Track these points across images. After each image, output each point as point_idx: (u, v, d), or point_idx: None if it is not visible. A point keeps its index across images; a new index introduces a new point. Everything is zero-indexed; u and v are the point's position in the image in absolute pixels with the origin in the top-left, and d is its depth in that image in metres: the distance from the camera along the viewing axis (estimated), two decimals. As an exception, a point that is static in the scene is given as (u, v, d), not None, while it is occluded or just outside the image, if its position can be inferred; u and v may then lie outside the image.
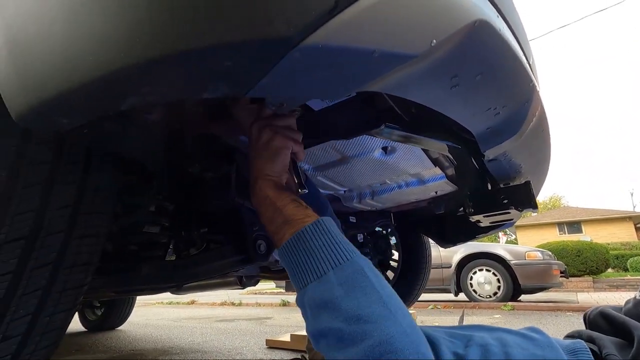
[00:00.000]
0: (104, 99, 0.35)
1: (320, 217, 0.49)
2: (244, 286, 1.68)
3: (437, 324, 3.00)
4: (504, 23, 0.50)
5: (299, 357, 0.85)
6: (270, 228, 0.53)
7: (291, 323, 3.39)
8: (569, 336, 0.70)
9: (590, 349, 0.60)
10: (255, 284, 1.76)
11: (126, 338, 2.76)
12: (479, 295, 4.61)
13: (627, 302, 0.72)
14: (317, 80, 0.39)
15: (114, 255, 0.88)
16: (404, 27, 0.37)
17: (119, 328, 3.29)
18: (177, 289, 1.23)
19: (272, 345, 2.20)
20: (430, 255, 1.98)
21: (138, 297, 5.25)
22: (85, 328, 3.30)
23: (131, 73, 0.33)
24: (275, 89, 0.39)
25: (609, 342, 0.62)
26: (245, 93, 0.39)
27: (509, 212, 0.93)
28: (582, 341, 0.62)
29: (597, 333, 0.66)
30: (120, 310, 3.14)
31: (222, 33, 0.32)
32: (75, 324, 3.43)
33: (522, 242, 17.84)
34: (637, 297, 0.70)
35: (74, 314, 0.53)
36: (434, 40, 0.38)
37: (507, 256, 4.59)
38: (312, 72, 0.37)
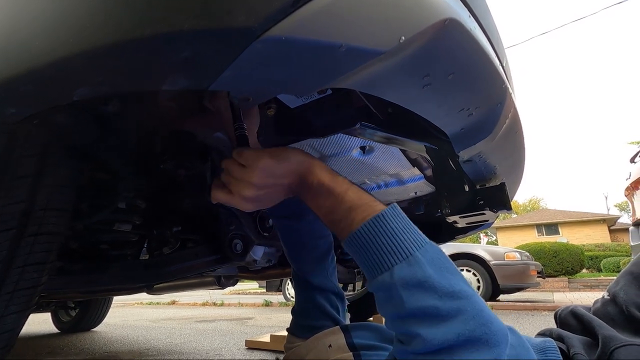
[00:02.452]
0: (54, 88, 0.33)
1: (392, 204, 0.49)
2: (222, 286, 1.65)
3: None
4: (476, 24, 0.50)
5: (274, 358, 0.84)
6: (331, 217, 0.51)
7: (272, 323, 3.36)
8: (541, 334, 0.71)
9: (560, 347, 0.61)
10: (234, 284, 1.74)
11: (101, 340, 2.68)
12: (459, 295, 4.68)
13: (595, 302, 0.74)
14: (282, 75, 0.38)
15: (81, 254, 0.85)
16: (371, 23, 0.36)
17: (94, 329, 3.19)
18: (149, 289, 1.20)
19: (252, 346, 2.18)
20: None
21: (116, 298, 5.13)
22: (59, 330, 3.18)
23: (81, 61, 0.31)
24: (239, 82, 0.37)
25: (577, 342, 0.63)
26: (208, 86, 0.37)
27: (485, 214, 0.94)
28: (552, 340, 0.63)
29: (566, 332, 0.67)
30: (95, 311, 3.04)
31: (178, 21, 0.30)
32: (48, 326, 3.31)
33: (503, 243, 18.28)
34: (605, 297, 0.72)
35: (28, 315, 0.50)
36: (403, 37, 0.38)
37: (486, 257, 4.68)
38: (277, 65, 0.36)
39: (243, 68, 0.35)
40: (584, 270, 11.79)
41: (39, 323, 3.76)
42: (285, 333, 0.92)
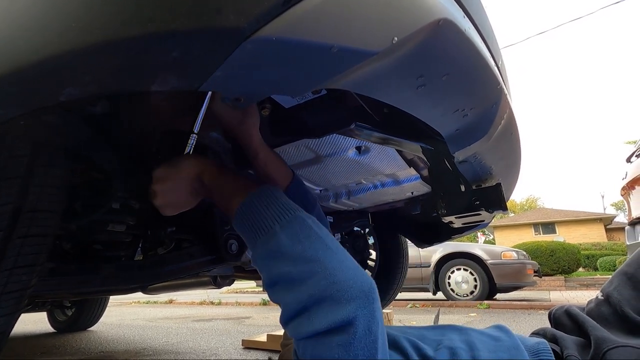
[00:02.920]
0: (40, 89, 0.33)
1: (266, 185, 0.55)
2: (218, 286, 1.65)
3: (414, 323, 3.03)
4: (471, 24, 0.50)
5: (266, 358, 0.83)
6: (222, 208, 0.57)
7: (270, 323, 3.36)
8: (535, 334, 0.71)
9: (553, 349, 0.61)
10: (230, 283, 1.73)
11: (97, 339, 2.67)
12: (456, 294, 4.70)
13: (589, 302, 0.74)
14: (273, 75, 0.37)
15: (74, 255, 0.84)
16: (364, 23, 0.35)
17: (90, 329, 3.18)
18: (143, 289, 1.19)
19: (249, 345, 2.17)
20: (407, 255, 1.99)
21: (113, 297, 5.11)
22: (55, 329, 3.17)
23: (68, 60, 0.30)
24: (230, 83, 0.37)
25: (571, 343, 0.63)
26: (198, 87, 0.37)
27: (480, 214, 0.94)
28: (546, 342, 0.63)
29: (560, 332, 0.67)
30: (91, 311, 3.03)
31: (168, 20, 0.30)
32: (44, 325, 3.30)
33: (500, 242, 18.33)
34: (599, 297, 0.72)
35: (17, 317, 0.50)
36: (396, 38, 0.37)
37: (483, 256, 4.69)
38: (268, 66, 0.36)
39: (234, 68, 0.35)
40: (581, 269, 11.85)
41: (35, 322, 3.74)
42: (282, 332, 0.91)
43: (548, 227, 20.06)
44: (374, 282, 0.45)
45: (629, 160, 3.23)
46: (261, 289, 7.86)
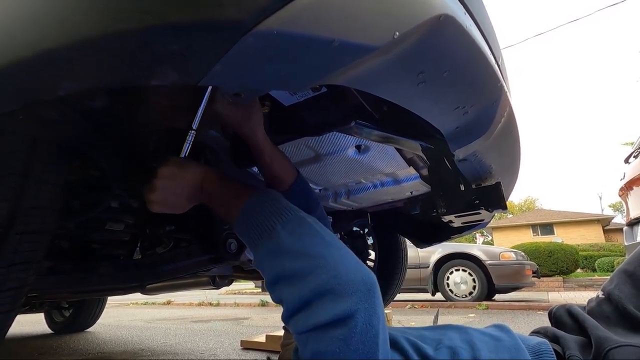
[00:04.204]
0: (37, 83, 0.32)
1: (265, 189, 0.56)
2: (217, 286, 1.64)
3: (413, 324, 3.03)
4: (472, 21, 0.49)
5: (265, 358, 0.83)
6: (222, 214, 0.58)
7: (268, 323, 3.35)
8: (535, 332, 0.71)
9: (554, 349, 0.61)
10: (229, 284, 1.72)
11: (95, 340, 2.66)
12: (455, 295, 4.70)
13: (589, 301, 0.74)
14: (274, 70, 0.37)
15: (72, 253, 0.84)
16: (365, 17, 0.35)
17: (88, 330, 3.16)
18: (142, 289, 1.18)
19: (247, 346, 2.16)
20: (406, 255, 1.99)
21: (111, 298, 5.09)
22: (52, 330, 3.15)
23: (65, 54, 0.30)
24: (230, 77, 0.36)
25: (572, 342, 0.62)
26: (198, 81, 0.36)
27: (480, 213, 0.94)
28: (547, 342, 0.63)
29: (561, 332, 0.67)
30: (89, 312, 3.01)
31: (166, 13, 0.29)
32: (42, 326, 3.28)
33: (498, 243, 18.36)
34: (600, 296, 0.72)
35: (14, 316, 0.49)
36: (397, 33, 0.37)
37: (482, 257, 4.69)
38: (269, 60, 0.35)
39: (234, 63, 0.34)
40: (579, 270, 11.87)
41: (32, 323, 3.72)
42: (281, 333, 0.91)
43: (546, 228, 20.10)
44: (375, 277, 0.46)
45: (627, 161, 3.23)
46: (260, 290, 7.85)
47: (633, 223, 2.98)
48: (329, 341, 0.40)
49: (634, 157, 3.09)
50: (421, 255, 4.99)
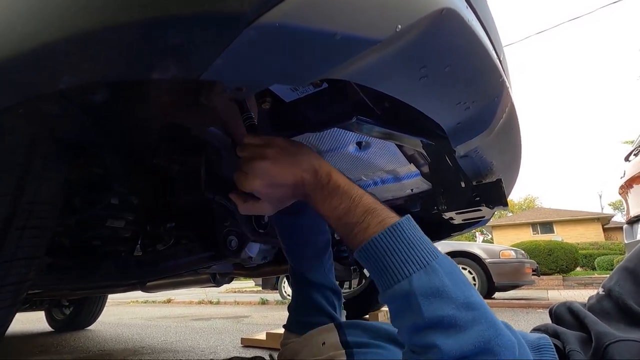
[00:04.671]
0: (37, 76, 0.32)
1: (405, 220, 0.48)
2: (218, 284, 1.64)
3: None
4: (474, 15, 0.49)
5: (262, 357, 0.83)
6: (345, 220, 0.49)
7: (269, 321, 3.36)
8: (536, 329, 0.71)
9: (555, 344, 0.61)
10: (229, 281, 1.73)
11: (95, 338, 2.66)
12: (455, 293, 4.70)
13: (590, 298, 0.74)
14: (276, 63, 0.37)
15: (73, 250, 0.83)
16: (367, 10, 0.35)
17: (88, 328, 3.17)
18: (142, 286, 1.18)
19: (248, 344, 2.17)
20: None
21: (111, 296, 5.10)
22: (53, 328, 3.16)
23: (65, 47, 0.30)
24: (231, 71, 0.36)
25: (572, 338, 0.63)
26: (199, 75, 0.36)
27: (481, 210, 0.94)
28: (547, 337, 0.63)
29: (562, 328, 0.67)
30: (90, 309, 3.02)
31: (167, 6, 0.29)
32: (42, 324, 3.28)
33: (498, 242, 18.37)
34: (600, 293, 0.72)
35: (15, 312, 0.49)
36: (399, 26, 0.37)
37: (482, 255, 4.70)
38: (271, 53, 0.35)
39: (235, 56, 0.34)
40: (578, 269, 11.89)
41: (33, 321, 3.73)
42: (281, 331, 0.91)
43: (546, 226, 20.12)
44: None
45: (627, 159, 3.23)
46: (260, 288, 7.84)
47: (633, 221, 2.98)
48: None
49: (634, 155, 3.09)
50: (421, 254, 4.99)
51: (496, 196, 0.90)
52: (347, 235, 0.50)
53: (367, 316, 2.44)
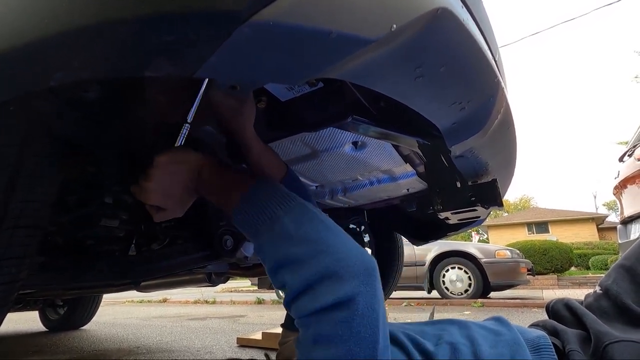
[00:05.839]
0: (29, 73, 0.32)
1: (264, 178, 0.56)
2: (213, 283, 1.64)
3: (409, 321, 3.04)
4: (469, 15, 0.49)
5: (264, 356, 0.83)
6: (221, 200, 0.57)
7: (265, 321, 3.35)
8: (535, 325, 0.71)
9: (554, 343, 0.61)
10: (225, 281, 1.72)
11: (90, 338, 2.64)
12: (450, 293, 4.73)
13: (587, 296, 0.74)
14: (271, 62, 0.36)
15: (66, 250, 0.83)
16: (362, 9, 0.35)
17: (83, 328, 3.14)
18: (137, 285, 1.18)
19: (244, 343, 2.16)
20: (402, 253, 2.00)
21: (106, 295, 5.06)
22: (47, 328, 3.13)
23: (57, 43, 0.29)
24: (226, 69, 0.36)
25: (572, 337, 0.62)
26: (193, 73, 0.36)
27: (476, 210, 0.94)
28: (547, 336, 0.63)
29: (561, 326, 0.67)
30: (84, 309, 3.00)
31: (161, 3, 0.29)
32: (36, 324, 3.26)
33: (494, 241, 18.46)
34: (597, 291, 0.72)
35: (7, 312, 0.48)
36: (394, 25, 0.37)
37: (478, 254, 4.72)
38: (265, 52, 0.35)
39: (230, 54, 0.34)
40: (573, 268, 11.97)
41: (27, 321, 3.70)
42: (277, 330, 0.91)
43: (541, 226, 20.25)
44: (375, 261, 0.47)
45: (621, 159, 3.26)
46: (256, 287, 7.83)
47: (627, 221, 3.00)
48: (331, 324, 0.41)
49: (628, 155, 3.12)
50: (417, 253, 5.01)
51: (491, 196, 0.90)
52: (226, 206, 0.56)
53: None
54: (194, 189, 0.61)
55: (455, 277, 4.77)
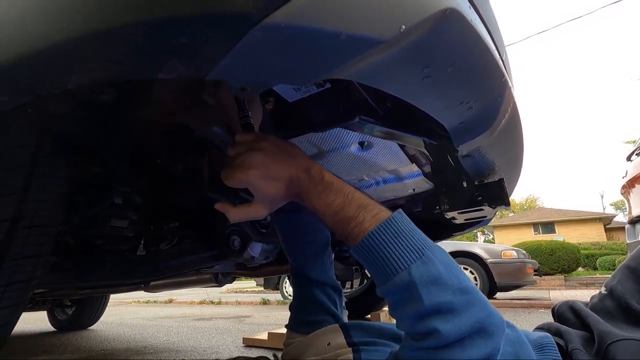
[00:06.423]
0: (47, 76, 0.32)
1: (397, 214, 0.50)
2: (220, 283, 1.65)
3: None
4: (477, 15, 0.49)
5: (266, 357, 0.83)
6: (341, 215, 0.50)
7: (270, 321, 3.36)
8: (539, 328, 0.71)
9: (557, 343, 0.61)
10: (231, 281, 1.73)
11: (97, 338, 2.67)
12: (456, 293, 4.69)
13: (592, 297, 0.74)
14: (282, 63, 0.37)
15: (76, 250, 0.84)
16: (372, 10, 0.35)
17: (90, 328, 3.17)
18: (145, 285, 1.19)
19: (250, 343, 2.17)
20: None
21: (113, 296, 5.11)
22: (55, 328, 3.17)
23: (74, 47, 0.30)
24: (237, 71, 0.37)
25: (575, 337, 0.63)
26: (206, 75, 0.36)
27: (483, 209, 0.94)
28: (550, 336, 0.63)
29: (565, 327, 0.67)
30: (92, 309, 3.03)
31: (176, 6, 0.30)
32: (45, 324, 3.29)
33: (500, 242, 18.34)
34: (603, 292, 0.72)
35: (22, 310, 0.49)
36: (403, 26, 0.37)
37: (484, 255, 4.69)
38: (276, 53, 0.35)
39: (241, 56, 0.34)
40: (580, 269, 11.86)
41: (35, 321, 3.74)
42: (283, 330, 0.91)
43: (548, 226, 20.08)
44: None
45: (629, 158, 3.23)
46: (261, 288, 7.84)
47: (635, 221, 2.97)
48: None
49: (636, 154, 3.09)
50: (422, 254, 4.99)
51: (498, 196, 0.90)
52: (343, 231, 0.50)
53: (369, 316, 2.45)
54: (295, 190, 0.54)
55: (461, 278, 4.74)
